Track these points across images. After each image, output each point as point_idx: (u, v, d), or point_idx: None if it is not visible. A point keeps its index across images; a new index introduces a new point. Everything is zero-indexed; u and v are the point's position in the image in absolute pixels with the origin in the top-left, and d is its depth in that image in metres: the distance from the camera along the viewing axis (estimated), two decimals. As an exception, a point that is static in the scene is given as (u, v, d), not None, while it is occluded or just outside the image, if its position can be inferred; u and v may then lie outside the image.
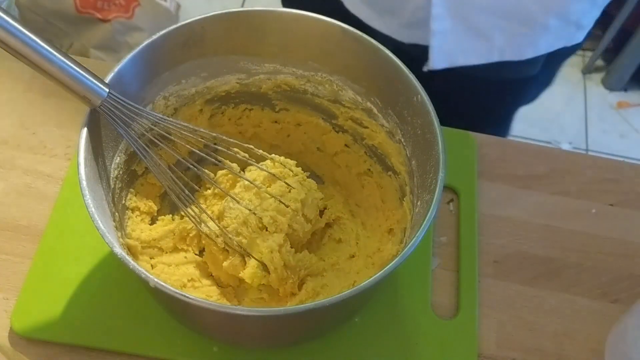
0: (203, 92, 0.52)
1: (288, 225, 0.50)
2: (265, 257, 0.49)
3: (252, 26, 0.48)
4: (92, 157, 0.42)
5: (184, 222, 0.52)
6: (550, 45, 0.70)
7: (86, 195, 0.40)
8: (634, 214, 0.61)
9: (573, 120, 1.72)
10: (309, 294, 0.50)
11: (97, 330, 0.50)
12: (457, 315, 0.53)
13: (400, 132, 0.49)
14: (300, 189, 0.51)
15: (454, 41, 0.62)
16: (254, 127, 0.57)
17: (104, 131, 0.44)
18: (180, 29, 0.47)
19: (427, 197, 0.43)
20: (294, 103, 0.55)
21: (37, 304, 0.50)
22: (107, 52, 1.54)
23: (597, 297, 0.56)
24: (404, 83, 0.47)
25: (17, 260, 0.53)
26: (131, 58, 0.45)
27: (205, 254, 0.53)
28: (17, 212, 0.56)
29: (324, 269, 0.52)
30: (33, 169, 0.58)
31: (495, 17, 0.65)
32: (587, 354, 0.53)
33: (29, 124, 0.61)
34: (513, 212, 0.60)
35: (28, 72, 0.64)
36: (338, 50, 0.49)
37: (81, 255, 0.53)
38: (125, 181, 0.49)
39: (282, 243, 0.49)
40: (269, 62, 0.52)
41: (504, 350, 0.53)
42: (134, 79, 0.46)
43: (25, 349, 0.49)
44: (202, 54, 0.49)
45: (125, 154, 0.48)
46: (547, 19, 0.66)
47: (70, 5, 1.50)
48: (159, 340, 0.50)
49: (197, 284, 0.51)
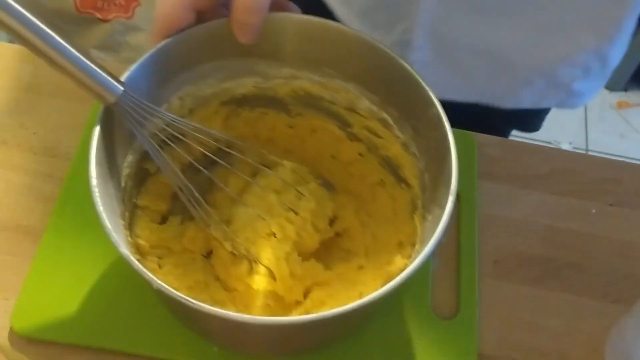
0: (219, 93, 0.52)
1: (296, 233, 0.49)
2: (272, 264, 0.49)
3: (271, 30, 0.47)
4: (104, 155, 0.42)
5: (194, 223, 0.52)
6: (535, 103, 0.68)
7: (95, 194, 0.39)
8: (634, 214, 0.61)
9: (573, 120, 1.72)
10: (315, 303, 0.50)
11: (97, 330, 0.50)
12: (457, 315, 0.53)
13: (415, 145, 0.49)
14: (312, 197, 0.51)
15: (433, 73, 0.62)
16: (269, 131, 0.56)
17: (117, 129, 0.44)
18: (199, 30, 0.46)
19: (437, 212, 0.43)
20: (310, 109, 0.54)
21: (37, 304, 0.50)
22: (107, 52, 1.54)
23: (597, 297, 0.56)
24: (420, 95, 0.46)
25: (17, 260, 0.53)
26: (148, 57, 0.45)
27: (213, 257, 0.52)
28: (17, 212, 0.56)
29: (331, 278, 0.52)
30: (33, 169, 0.58)
31: (476, 57, 0.63)
32: (587, 353, 0.53)
33: (29, 124, 0.61)
34: (513, 212, 0.60)
35: (28, 72, 0.64)
36: (354, 59, 0.49)
37: (81, 255, 0.53)
38: (137, 179, 0.49)
39: (289, 251, 0.49)
40: (286, 67, 0.51)
41: (504, 350, 0.53)
42: (151, 78, 0.45)
43: (25, 349, 0.49)
44: (220, 56, 0.49)
45: (138, 152, 0.48)
46: (531, 75, 0.65)
47: (70, 5, 1.50)
48: (159, 340, 0.50)
49: (203, 286, 0.51)
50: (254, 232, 0.49)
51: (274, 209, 0.50)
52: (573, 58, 0.66)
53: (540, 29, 0.63)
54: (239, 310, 0.50)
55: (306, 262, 0.51)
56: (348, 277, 0.52)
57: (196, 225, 0.52)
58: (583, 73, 0.67)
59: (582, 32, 0.63)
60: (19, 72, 0.64)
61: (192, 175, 0.49)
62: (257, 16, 0.43)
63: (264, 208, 0.50)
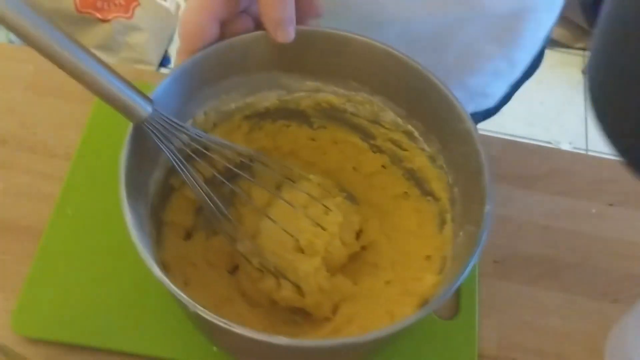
0: (243, 107, 0.52)
1: (325, 248, 0.49)
2: (301, 280, 0.48)
3: (296, 44, 0.47)
4: (132, 175, 0.41)
5: (218, 238, 0.52)
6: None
7: (129, 222, 0.38)
8: (634, 214, 0.61)
9: (573, 120, 1.72)
10: (344, 319, 0.49)
11: (97, 330, 0.50)
12: (457, 315, 0.53)
13: (443, 158, 0.48)
14: (338, 211, 0.50)
15: None
16: (290, 143, 0.56)
17: (143, 147, 0.43)
18: (223, 47, 0.46)
19: (471, 229, 0.42)
20: (332, 121, 0.54)
21: (37, 304, 0.50)
22: (107, 52, 1.54)
23: (597, 297, 0.56)
24: (449, 109, 0.45)
25: (17, 260, 0.53)
26: (174, 75, 0.44)
27: (238, 272, 0.52)
28: (17, 212, 0.56)
29: (359, 294, 0.51)
30: (33, 169, 0.58)
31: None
32: (587, 354, 0.53)
33: (29, 124, 0.61)
34: (513, 212, 0.60)
35: (28, 72, 0.64)
36: (381, 72, 0.48)
37: (81, 255, 0.53)
38: (162, 196, 0.49)
39: (318, 267, 0.49)
40: (311, 80, 0.51)
41: (504, 351, 0.53)
42: (177, 95, 0.45)
43: (25, 349, 0.49)
44: (243, 71, 0.49)
45: (164, 168, 0.48)
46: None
47: (70, 5, 1.50)
48: (159, 340, 0.50)
49: (229, 303, 0.50)
50: (280, 246, 0.49)
51: (300, 223, 0.49)
52: (482, 68, 0.69)
53: (453, 59, 0.66)
54: (265, 326, 0.49)
55: (334, 278, 0.50)
56: (376, 293, 0.51)
57: (221, 241, 0.52)
58: (493, 76, 0.70)
59: (487, 45, 0.66)
60: (19, 72, 0.64)
61: (214, 189, 0.48)
62: (285, 8, 0.42)
63: (291, 222, 0.49)
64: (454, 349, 0.52)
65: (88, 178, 0.57)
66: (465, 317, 0.53)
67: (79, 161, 0.58)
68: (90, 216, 0.55)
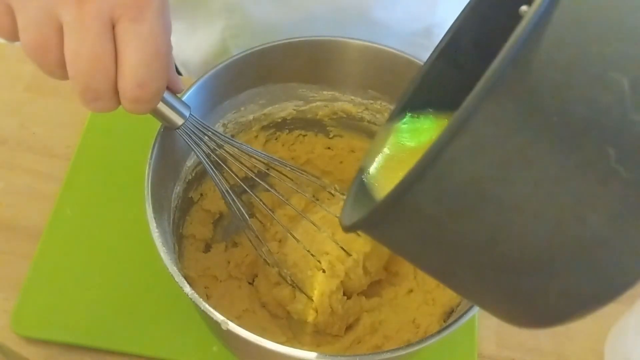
0: (260, 118, 0.52)
1: (346, 273, 0.49)
2: (314, 297, 0.48)
3: (314, 55, 0.47)
4: (157, 191, 0.41)
5: (238, 249, 0.52)
6: None
7: (157, 239, 0.38)
8: (634, 214, 0.61)
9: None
10: (367, 329, 0.49)
11: (97, 330, 0.50)
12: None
13: None
14: (368, 240, 0.50)
15: None
16: (307, 153, 0.56)
17: (166, 162, 0.43)
18: (242, 59, 0.46)
19: None
20: (349, 129, 0.54)
21: (37, 304, 0.50)
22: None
23: (597, 297, 0.56)
24: None
25: (17, 260, 0.53)
26: (195, 89, 0.45)
27: (257, 279, 0.52)
28: (17, 212, 0.56)
29: (381, 303, 0.51)
30: (33, 169, 0.58)
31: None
32: (587, 353, 0.53)
33: (29, 124, 0.61)
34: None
35: (28, 72, 0.64)
36: (401, 81, 0.47)
37: (81, 255, 0.53)
38: (182, 210, 0.49)
39: (334, 290, 0.48)
40: (328, 90, 0.51)
41: (503, 350, 0.53)
42: (197, 109, 0.45)
43: (25, 349, 0.49)
44: (261, 82, 0.49)
45: (184, 181, 0.48)
46: None
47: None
48: (158, 340, 0.50)
49: (251, 314, 0.50)
50: (302, 260, 0.49)
51: (326, 244, 0.49)
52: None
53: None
54: (289, 337, 0.49)
55: (349, 301, 0.50)
56: (398, 302, 0.51)
57: (241, 251, 0.52)
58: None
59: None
60: (19, 72, 0.64)
61: (236, 197, 0.48)
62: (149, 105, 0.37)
63: (315, 241, 0.49)
64: (454, 348, 0.52)
65: (87, 178, 0.57)
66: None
67: (79, 161, 0.58)
68: (89, 216, 0.55)
